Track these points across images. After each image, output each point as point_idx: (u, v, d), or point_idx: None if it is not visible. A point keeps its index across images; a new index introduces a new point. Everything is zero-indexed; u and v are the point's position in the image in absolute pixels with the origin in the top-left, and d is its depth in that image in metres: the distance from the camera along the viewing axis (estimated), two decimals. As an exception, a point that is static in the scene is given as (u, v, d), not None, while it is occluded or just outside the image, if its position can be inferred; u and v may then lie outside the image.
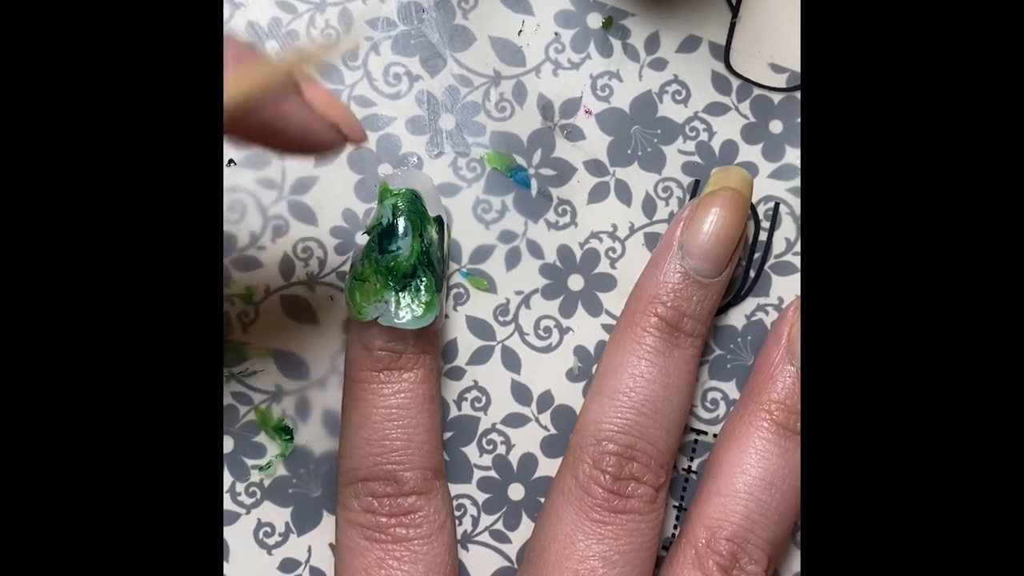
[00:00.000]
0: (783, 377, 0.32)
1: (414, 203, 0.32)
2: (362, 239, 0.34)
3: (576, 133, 0.35)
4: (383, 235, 0.32)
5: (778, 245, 0.35)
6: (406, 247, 0.31)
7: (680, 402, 0.33)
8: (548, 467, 0.34)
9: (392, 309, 0.31)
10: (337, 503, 0.33)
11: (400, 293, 0.31)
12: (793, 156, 0.35)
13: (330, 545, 0.34)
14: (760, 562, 0.31)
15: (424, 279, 0.31)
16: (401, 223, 0.32)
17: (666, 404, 0.32)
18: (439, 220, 0.32)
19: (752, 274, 0.35)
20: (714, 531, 0.31)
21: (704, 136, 0.35)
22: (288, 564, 0.34)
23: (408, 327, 0.31)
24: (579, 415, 0.33)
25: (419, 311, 0.31)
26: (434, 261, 0.32)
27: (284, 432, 0.34)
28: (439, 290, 0.32)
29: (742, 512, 0.31)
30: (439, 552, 0.32)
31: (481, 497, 0.34)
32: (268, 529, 0.34)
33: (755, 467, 0.32)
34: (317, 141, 0.27)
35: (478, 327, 0.35)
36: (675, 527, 0.34)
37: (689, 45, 0.35)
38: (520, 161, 0.35)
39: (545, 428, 0.35)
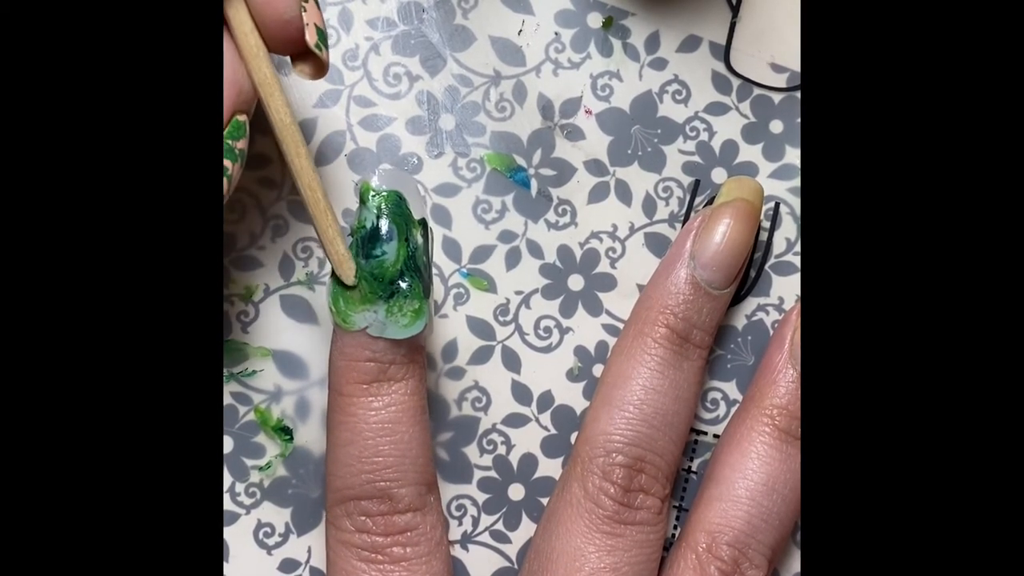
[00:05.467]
0: (785, 381, 0.32)
1: (399, 205, 0.31)
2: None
3: (576, 133, 0.35)
4: (367, 239, 0.30)
5: (778, 245, 0.35)
6: (391, 252, 0.30)
7: (687, 413, 0.33)
8: (548, 467, 0.34)
9: (380, 318, 0.30)
10: (326, 523, 0.32)
11: (388, 301, 0.30)
12: (793, 156, 0.35)
13: (330, 545, 0.34)
14: (761, 567, 0.31)
15: (412, 285, 0.30)
16: (385, 227, 0.30)
17: (675, 416, 0.32)
18: (423, 223, 0.31)
19: (752, 274, 0.35)
20: (715, 536, 0.31)
21: (704, 136, 0.35)
22: (288, 564, 0.34)
23: (397, 336, 0.30)
24: (585, 423, 0.33)
25: (408, 319, 0.30)
26: (420, 266, 0.31)
27: (284, 432, 0.34)
28: (427, 296, 0.31)
29: (743, 517, 0.31)
30: (438, 570, 0.31)
31: (481, 497, 0.34)
32: (268, 529, 0.34)
33: (757, 472, 0.31)
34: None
35: (478, 327, 0.35)
36: (674, 527, 0.34)
37: (689, 45, 0.35)
38: (520, 161, 0.35)
39: (545, 428, 0.35)
